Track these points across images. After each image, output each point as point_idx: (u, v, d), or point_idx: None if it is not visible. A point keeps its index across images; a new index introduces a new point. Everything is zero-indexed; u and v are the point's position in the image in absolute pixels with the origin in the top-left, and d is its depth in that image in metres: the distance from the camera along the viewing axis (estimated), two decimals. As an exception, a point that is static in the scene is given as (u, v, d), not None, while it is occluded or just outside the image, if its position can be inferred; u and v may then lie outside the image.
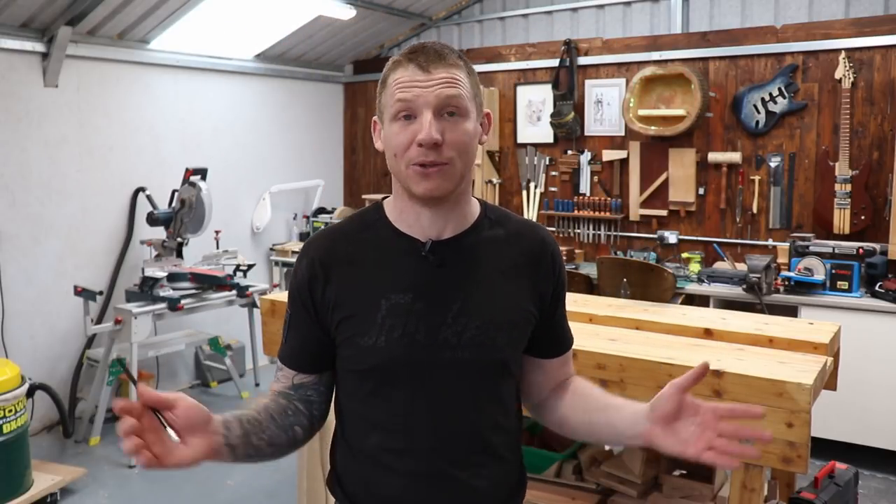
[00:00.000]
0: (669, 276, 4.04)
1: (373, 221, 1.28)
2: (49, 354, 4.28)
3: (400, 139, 1.16)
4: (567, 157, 5.15)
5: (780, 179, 4.43)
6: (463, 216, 1.26)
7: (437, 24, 5.78)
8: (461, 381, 1.22)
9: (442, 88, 1.15)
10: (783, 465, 1.88)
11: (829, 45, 4.21)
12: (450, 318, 1.21)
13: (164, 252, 4.44)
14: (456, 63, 1.19)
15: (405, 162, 1.17)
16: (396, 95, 1.16)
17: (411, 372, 1.21)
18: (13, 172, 4.07)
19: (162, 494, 3.57)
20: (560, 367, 1.40)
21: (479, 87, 1.24)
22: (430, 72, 1.16)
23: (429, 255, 1.23)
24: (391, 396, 1.22)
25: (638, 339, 2.34)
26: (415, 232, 1.24)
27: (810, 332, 2.34)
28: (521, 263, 1.29)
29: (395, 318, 1.20)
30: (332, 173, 6.15)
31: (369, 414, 1.25)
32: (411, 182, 1.17)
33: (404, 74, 1.17)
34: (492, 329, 1.23)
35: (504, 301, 1.26)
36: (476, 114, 1.22)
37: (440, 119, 1.15)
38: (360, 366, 1.23)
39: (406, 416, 1.22)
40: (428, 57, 1.17)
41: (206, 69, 5.04)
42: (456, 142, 1.16)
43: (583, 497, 2.54)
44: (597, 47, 4.99)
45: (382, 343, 1.20)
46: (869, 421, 3.73)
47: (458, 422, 1.22)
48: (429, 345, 1.20)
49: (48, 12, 3.94)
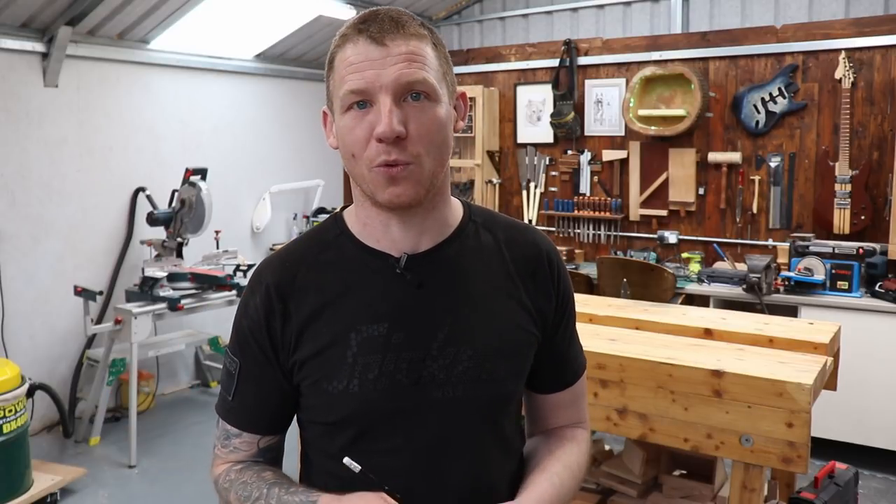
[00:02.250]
0: (669, 276, 4.04)
1: (332, 238, 1.05)
2: (49, 354, 4.28)
3: (355, 134, 0.94)
4: (567, 157, 5.15)
5: (780, 179, 4.43)
6: (442, 222, 1.04)
7: (437, 24, 5.78)
8: (455, 425, 1.01)
9: (401, 66, 0.92)
10: (783, 465, 1.88)
11: (829, 45, 4.21)
12: (435, 348, 0.99)
13: (164, 252, 4.43)
14: (418, 32, 0.95)
15: (365, 163, 0.94)
16: (347, 77, 0.93)
17: (393, 421, 0.99)
18: (13, 172, 4.07)
19: (162, 494, 3.56)
20: (563, 406, 1.15)
21: (450, 63, 1.01)
22: (385, 45, 0.92)
23: (405, 274, 1.00)
24: (371, 452, 1.00)
25: (638, 339, 2.34)
26: (385, 246, 1.02)
27: (810, 332, 2.34)
28: (514, 275, 1.06)
29: (368, 354, 0.98)
30: (332, 173, 6.14)
31: (342, 472, 0.99)
32: (375, 187, 0.95)
33: (354, 51, 0.93)
34: (488, 358, 1.01)
35: (500, 322, 1.04)
36: (448, 96, 0.98)
37: (402, 105, 0.93)
38: (330, 417, 1.01)
39: (391, 474, 0.98)
40: (382, 26, 0.93)
41: (206, 69, 5.03)
42: (423, 133, 0.93)
43: (583, 497, 2.54)
44: (597, 47, 4.99)
45: (355, 387, 0.98)
46: (869, 421, 3.72)
47: (456, 476, 1.01)
48: (412, 384, 0.99)
49: (48, 12, 3.94)
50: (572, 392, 1.15)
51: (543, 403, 1.15)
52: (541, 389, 1.14)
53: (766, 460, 1.89)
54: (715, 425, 1.96)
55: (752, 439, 1.90)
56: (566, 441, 1.12)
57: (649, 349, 2.17)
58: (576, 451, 1.11)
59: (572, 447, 1.11)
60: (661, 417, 2.04)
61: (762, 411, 1.88)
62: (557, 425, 1.15)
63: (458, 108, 1.03)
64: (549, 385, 1.14)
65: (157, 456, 3.97)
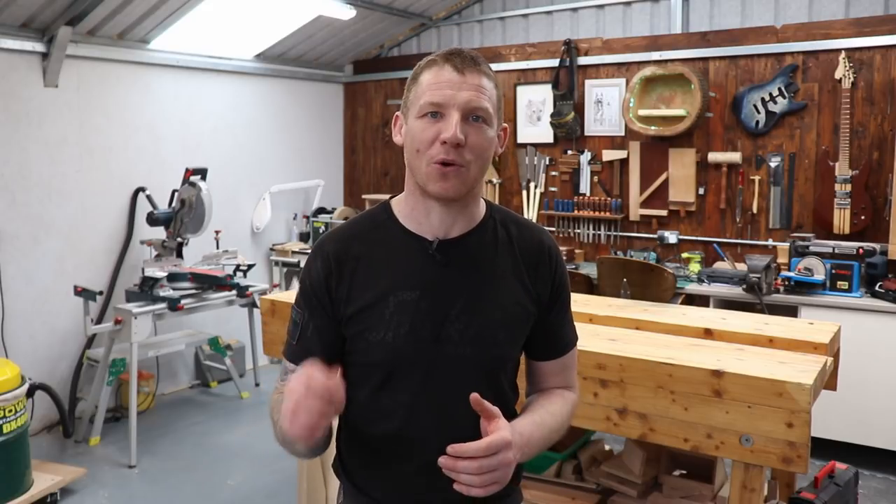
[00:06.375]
0: (669, 276, 4.04)
1: (382, 221, 1.32)
2: (49, 354, 4.28)
3: (426, 135, 1.20)
4: (567, 157, 5.15)
5: (780, 179, 4.43)
6: (470, 217, 1.30)
7: (437, 24, 5.78)
8: (463, 375, 1.26)
9: (473, 93, 1.20)
10: (783, 465, 1.88)
11: (829, 45, 4.20)
12: (453, 315, 1.26)
13: (164, 252, 4.44)
14: (487, 72, 1.24)
15: (426, 159, 1.20)
16: (428, 92, 1.20)
17: (416, 366, 1.26)
18: (13, 172, 4.07)
19: (162, 494, 3.56)
20: (553, 373, 1.40)
21: (502, 100, 1.29)
22: (464, 74, 1.20)
23: (435, 255, 1.27)
24: (396, 389, 1.27)
25: (638, 339, 2.34)
26: (423, 230, 1.28)
27: (810, 332, 2.34)
28: (521, 264, 1.32)
29: (402, 314, 1.24)
30: (332, 173, 6.15)
31: (374, 405, 1.29)
32: (429, 179, 1.21)
33: (440, 73, 1.21)
34: (493, 326, 1.28)
35: (505, 299, 1.30)
36: (497, 124, 1.26)
37: (466, 122, 1.20)
38: (368, 359, 1.27)
39: (410, 407, 1.26)
40: (464, 60, 1.22)
41: (206, 69, 5.04)
42: (477, 146, 1.21)
43: (583, 497, 2.54)
44: (597, 47, 4.99)
45: (390, 338, 1.24)
46: (869, 421, 3.73)
47: (460, 414, 1.23)
48: (433, 341, 1.25)
49: (48, 12, 3.94)
50: (562, 362, 1.41)
51: (538, 369, 1.41)
52: (536, 357, 1.40)
53: (766, 460, 1.89)
54: (715, 425, 1.96)
55: (752, 439, 1.90)
56: (555, 395, 1.38)
57: (649, 349, 2.17)
58: (559, 402, 1.37)
59: (556, 398, 1.37)
60: (661, 417, 2.04)
61: (762, 411, 1.88)
62: (549, 387, 1.41)
63: (500, 137, 1.30)
64: (543, 353, 1.40)
65: (157, 456, 3.97)
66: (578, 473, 2.66)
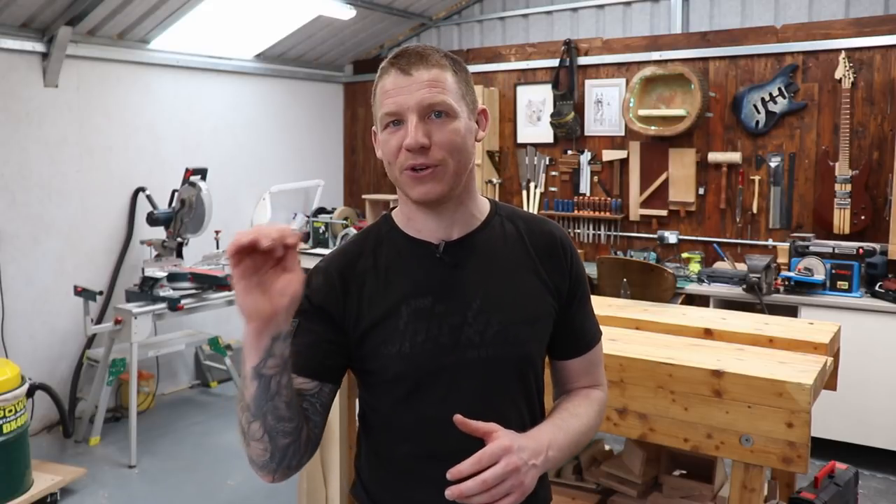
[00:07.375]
0: (669, 276, 4.04)
1: (385, 233, 1.28)
2: (49, 354, 4.28)
3: (391, 145, 1.17)
4: (567, 157, 5.15)
5: (780, 179, 4.43)
6: (470, 216, 1.26)
7: (437, 24, 5.78)
8: (488, 379, 1.21)
9: (423, 91, 1.14)
10: (783, 465, 1.88)
11: (829, 45, 4.21)
12: (470, 316, 1.21)
13: (164, 252, 4.43)
14: (439, 62, 1.17)
15: (398, 168, 1.17)
16: (384, 102, 1.17)
17: (438, 375, 1.20)
18: (13, 172, 4.07)
19: (162, 494, 3.56)
20: (581, 372, 1.34)
21: (471, 84, 1.23)
22: (411, 74, 1.15)
23: (443, 257, 1.23)
24: (420, 403, 1.21)
25: (638, 339, 2.34)
26: (426, 235, 1.24)
27: (810, 332, 2.34)
28: (534, 257, 1.28)
29: (417, 322, 1.20)
30: (332, 173, 6.15)
31: (398, 422, 1.23)
32: (406, 187, 1.18)
33: (388, 81, 1.17)
34: (514, 324, 1.22)
35: (523, 295, 1.25)
36: (468, 111, 1.20)
37: (427, 122, 1.15)
38: (386, 375, 1.21)
39: (436, 420, 1.17)
40: (409, 60, 1.16)
41: (206, 69, 5.04)
42: (445, 142, 1.15)
43: (583, 497, 2.54)
44: (597, 47, 4.99)
45: (406, 349, 1.19)
46: (869, 421, 3.72)
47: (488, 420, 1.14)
48: (452, 346, 1.19)
49: (48, 12, 3.94)
50: (587, 359, 1.34)
51: (563, 368, 1.35)
52: (561, 356, 1.34)
53: (766, 460, 1.89)
54: (715, 425, 1.96)
55: (752, 439, 1.90)
56: (579, 397, 1.32)
57: (649, 349, 2.17)
58: (584, 403, 1.30)
59: (582, 400, 1.31)
60: (661, 417, 2.04)
61: (762, 411, 1.88)
62: (576, 387, 1.34)
63: (480, 121, 1.25)
64: (568, 352, 1.33)
65: (157, 456, 3.97)
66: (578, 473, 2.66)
